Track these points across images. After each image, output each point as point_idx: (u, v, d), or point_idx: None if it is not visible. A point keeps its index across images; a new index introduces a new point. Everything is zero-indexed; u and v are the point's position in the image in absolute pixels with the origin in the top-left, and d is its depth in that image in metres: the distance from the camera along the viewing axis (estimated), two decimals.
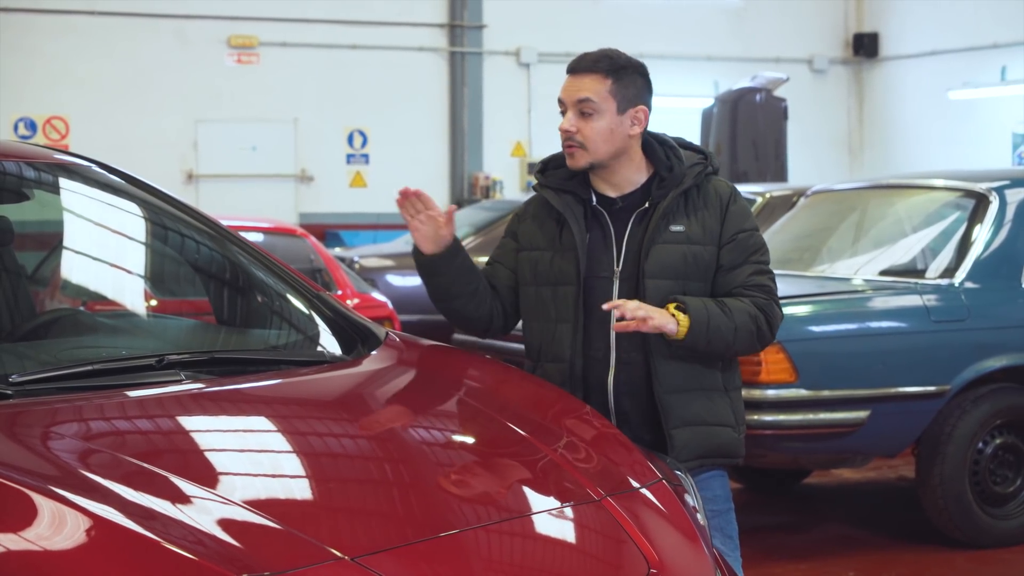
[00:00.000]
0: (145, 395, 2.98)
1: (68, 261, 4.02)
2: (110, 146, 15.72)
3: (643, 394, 3.61)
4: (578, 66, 3.59)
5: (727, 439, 3.64)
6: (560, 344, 3.62)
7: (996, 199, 6.53)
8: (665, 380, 3.57)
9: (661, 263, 3.56)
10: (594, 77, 3.56)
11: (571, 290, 3.60)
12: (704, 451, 3.61)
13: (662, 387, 3.57)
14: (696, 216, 3.61)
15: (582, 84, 3.56)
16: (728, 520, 3.69)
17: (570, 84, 3.58)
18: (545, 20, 18.43)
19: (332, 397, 3.26)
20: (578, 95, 3.56)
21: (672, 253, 3.57)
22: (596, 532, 2.85)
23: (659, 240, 3.57)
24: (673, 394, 3.58)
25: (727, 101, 13.94)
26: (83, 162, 3.83)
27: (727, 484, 3.74)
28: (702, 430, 3.60)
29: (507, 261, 3.74)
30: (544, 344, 3.65)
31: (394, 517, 2.67)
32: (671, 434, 3.57)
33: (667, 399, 3.57)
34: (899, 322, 6.26)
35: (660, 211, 3.58)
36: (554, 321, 3.63)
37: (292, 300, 3.72)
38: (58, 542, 2.33)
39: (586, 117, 3.56)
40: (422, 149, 18.05)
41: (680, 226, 3.59)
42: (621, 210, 3.63)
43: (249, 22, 17.34)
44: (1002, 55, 17.86)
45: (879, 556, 6.27)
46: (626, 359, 3.60)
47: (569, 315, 3.60)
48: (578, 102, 3.56)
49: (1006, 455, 6.34)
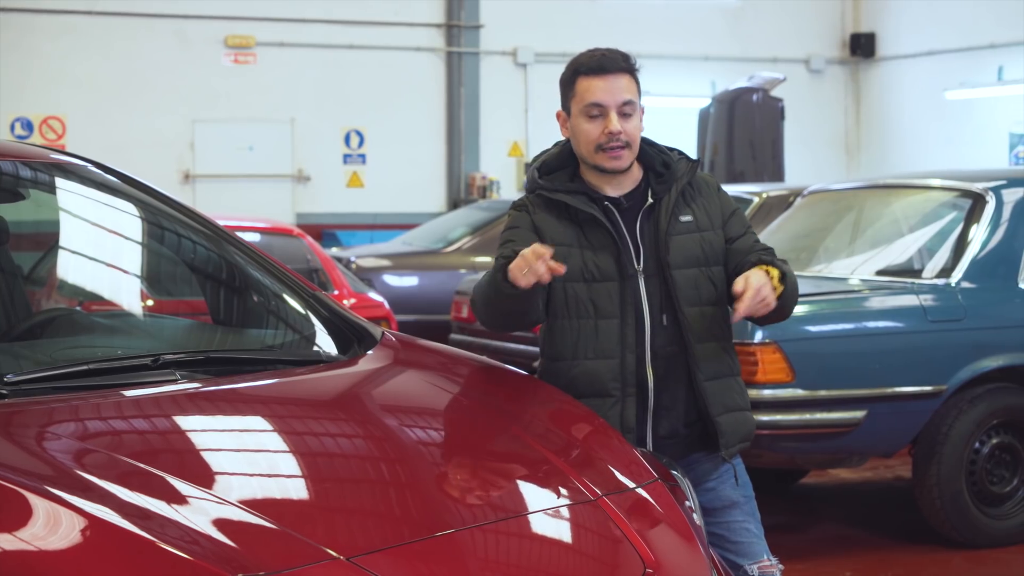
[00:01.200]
0: (141, 395, 2.98)
1: (64, 261, 4.02)
2: (107, 146, 15.71)
3: (680, 386, 3.64)
4: (611, 66, 3.57)
5: (753, 424, 3.77)
6: (606, 341, 3.60)
7: (993, 199, 6.53)
8: (705, 368, 3.63)
9: (683, 254, 3.61)
10: (628, 77, 3.58)
11: (614, 286, 3.60)
12: (743, 435, 3.71)
13: (703, 375, 3.63)
14: (697, 205, 3.67)
15: (620, 85, 3.56)
16: (755, 504, 3.80)
17: (608, 86, 3.55)
18: (542, 20, 18.43)
19: (328, 397, 3.26)
20: (622, 96, 3.55)
21: (689, 242, 3.62)
22: (592, 532, 2.85)
23: (674, 232, 3.61)
24: (712, 381, 3.64)
25: (724, 101, 13.95)
26: (79, 162, 3.83)
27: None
28: (740, 415, 3.70)
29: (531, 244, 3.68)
30: (583, 341, 3.61)
31: (390, 517, 2.67)
32: (717, 421, 3.64)
33: (708, 387, 3.63)
34: (896, 322, 6.26)
35: (668, 205, 3.62)
36: (594, 317, 3.60)
37: (288, 300, 3.72)
38: (53, 542, 2.33)
39: (627, 117, 3.57)
40: (419, 149, 18.04)
41: (688, 216, 3.64)
42: (628, 209, 3.65)
43: (246, 22, 17.33)
44: (999, 55, 17.87)
45: (876, 556, 6.27)
46: (663, 353, 3.62)
47: (615, 311, 3.60)
48: (623, 104, 3.55)
49: (1003, 455, 6.34)
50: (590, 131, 3.57)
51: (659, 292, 3.59)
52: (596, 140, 3.57)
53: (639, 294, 3.60)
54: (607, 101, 3.55)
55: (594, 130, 3.56)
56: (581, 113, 3.58)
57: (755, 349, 5.83)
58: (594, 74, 3.57)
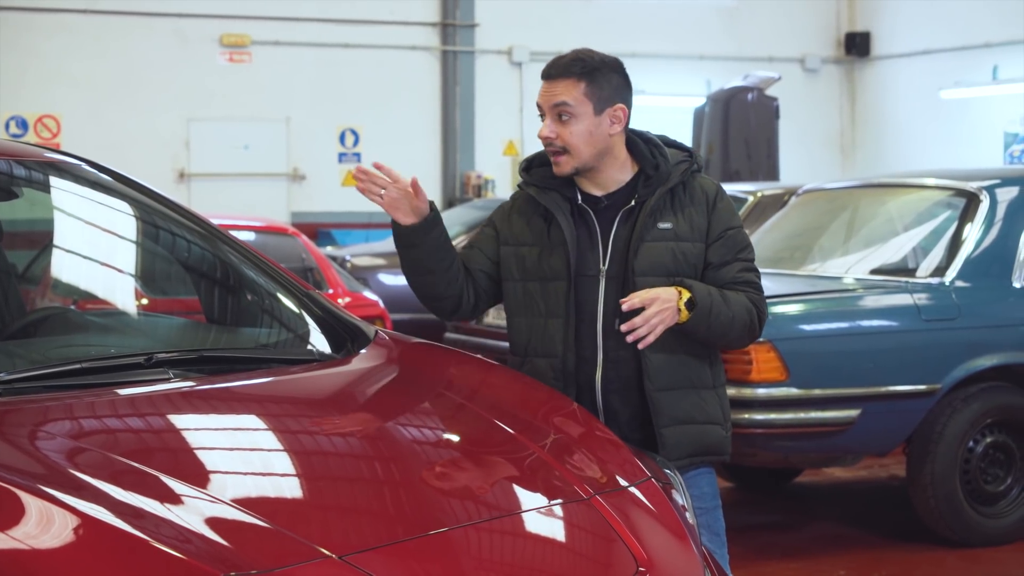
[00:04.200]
0: (134, 394, 2.98)
1: (58, 260, 4.02)
2: (102, 144, 15.70)
3: (632, 391, 3.61)
4: (551, 71, 3.58)
5: (716, 438, 3.66)
6: (551, 340, 3.61)
7: (987, 198, 6.54)
8: (656, 377, 3.58)
9: (651, 261, 3.57)
10: (568, 81, 3.55)
11: (562, 286, 3.59)
12: (694, 450, 3.62)
13: (653, 384, 3.58)
14: (683, 213, 3.62)
15: (557, 89, 3.55)
16: (716, 517, 3.70)
17: (546, 89, 3.57)
18: (537, 19, 18.43)
19: (321, 396, 3.26)
20: (554, 100, 3.55)
21: (661, 250, 3.58)
22: (585, 530, 2.85)
23: (647, 238, 3.58)
24: (664, 391, 3.58)
25: (719, 100, 13.95)
26: (73, 160, 3.83)
27: (714, 481, 3.75)
28: (692, 428, 3.61)
29: (486, 248, 3.72)
30: (533, 339, 3.65)
31: (383, 515, 2.67)
32: (661, 433, 3.58)
33: (658, 396, 3.58)
34: (890, 321, 6.26)
35: (647, 209, 3.58)
36: (544, 316, 3.63)
37: (282, 299, 3.72)
38: (46, 541, 2.33)
39: (564, 122, 3.55)
40: (414, 148, 18.03)
41: (668, 223, 3.59)
42: (606, 208, 3.64)
43: (241, 21, 17.32)
44: (994, 54, 17.88)
45: (870, 555, 6.27)
46: (614, 356, 3.60)
47: (560, 311, 3.60)
48: (554, 107, 3.55)
49: (996, 454, 6.34)
50: (540, 132, 3.61)
51: (616, 296, 3.56)
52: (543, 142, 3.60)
53: (596, 295, 3.59)
54: (543, 104, 3.58)
55: (541, 131, 3.60)
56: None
57: (749, 348, 5.83)
58: (543, 77, 3.61)
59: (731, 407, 3.88)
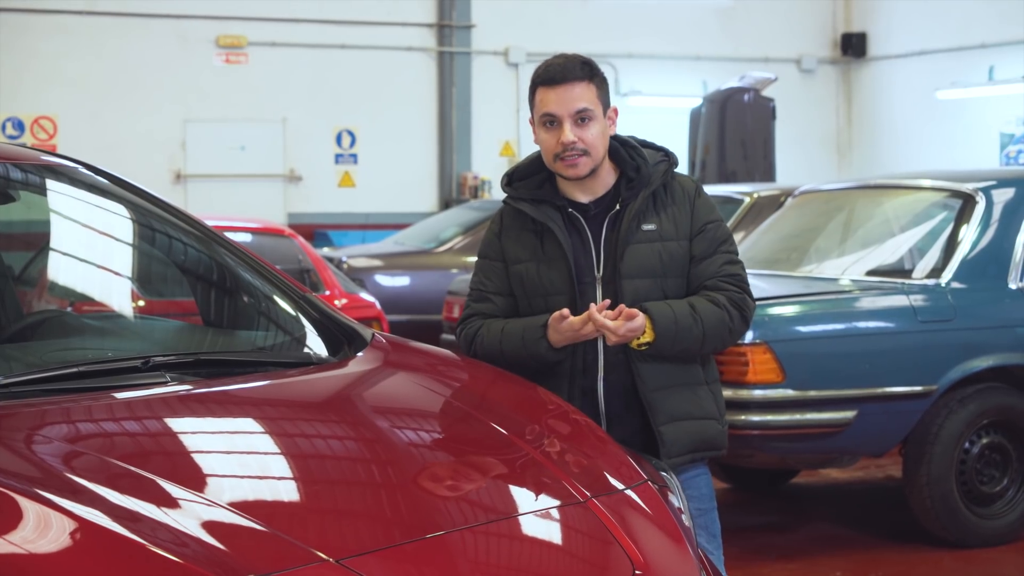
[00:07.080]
0: (131, 397, 2.97)
1: (54, 262, 4.02)
2: (98, 146, 15.71)
3: (631, 395, 3.64)
4: (565, 76, 3.57)
5: (713, 432, 3.69)
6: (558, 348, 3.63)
7: (983, 199, 6.54)
8: (648, 379, 3.62)
9: (637, 263, 3.60)
10: (583, 84, 3.57)
11: (563, 299, 3.62)
12: (693, 445, 3.66)
13: (646, 386, 3.62)
14: (666, 213, 3.65)
15: (575, 93, 3.56)
16: (712, 519, 3.73)
17: (562, 95, 3.56)
18: (533, 20, 18.43)
19: (318, 399, 3.26)
20: (576, 105, 3.56)
21: (646, 252, 3.61)
22: (581, 533, 2.86)
23: (632, 240, 3.61)
24: (658, 391, 3.62)
25: (715, 101, 13.95)
26: (69, 163, 3.83)
27: (710, 482, 3.79)
28: (689, 424, 3.65)
29: (502, 287, 3.72)
30: None
31: (380, 519, 2.67)
32: (660, 431, 3.61)
33: (652, 397, 3.62)
34: (886, 322, 6.27)
35: (631, 212, 3.61)
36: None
37: (278, 301, 3.72)
38: (43, 545, 2.33)
39: (583, 124, 3.56)
40: (411, 149, 18.04)
41: (652, 224, 3.63)
42: (595, 215, 3.66)
43: (237, 22, 17.32)
44: (990, 55, 17.89)
45: (866, 556, 6.28)
46: (613, 361, 3.64)
47: None
48: (577, 112, 3.55)
49: (993, 455, 6.35)
50: (547, 140, 3.60)
51: (612, 300, 3.58)
52: (553, 150, 3.59)
53: (594, 301, 3.60)
54: (559, 112, 3.56)
55: (551, 140, 3.59)
56: (540, 123, 3.62)
57: (745, 350, 5.84)
58: (547, 85, 3.58)
59: (728, 409, 3.91)
